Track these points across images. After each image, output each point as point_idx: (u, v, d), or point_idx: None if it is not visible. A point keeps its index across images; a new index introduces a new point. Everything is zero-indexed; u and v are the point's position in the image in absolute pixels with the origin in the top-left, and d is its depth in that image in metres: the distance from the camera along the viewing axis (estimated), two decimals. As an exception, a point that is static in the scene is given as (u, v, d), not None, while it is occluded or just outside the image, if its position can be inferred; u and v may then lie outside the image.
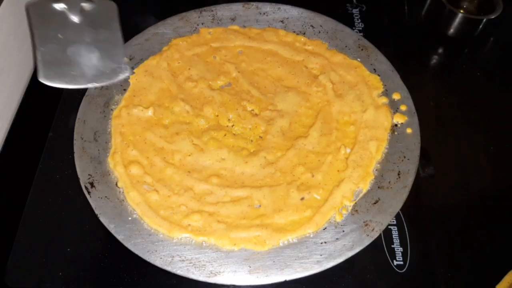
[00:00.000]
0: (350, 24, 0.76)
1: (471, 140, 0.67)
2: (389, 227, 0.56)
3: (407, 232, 0.56)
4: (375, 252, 0.54)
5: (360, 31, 0.76)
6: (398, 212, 0.54)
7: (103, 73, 0.58)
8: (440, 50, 0.78)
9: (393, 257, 0.54)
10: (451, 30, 0.76)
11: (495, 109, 0.70)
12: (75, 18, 0.60)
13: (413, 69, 0.74)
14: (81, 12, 0.60)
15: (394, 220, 0.56)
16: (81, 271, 0.54)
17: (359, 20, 0.78)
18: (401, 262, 0.54)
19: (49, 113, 0.65)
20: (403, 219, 0.57)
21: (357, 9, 0.80)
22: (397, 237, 0.56)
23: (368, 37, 0.72)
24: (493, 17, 0.73)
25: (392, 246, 0.55)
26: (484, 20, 0.73)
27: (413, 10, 0.82)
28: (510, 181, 0.63)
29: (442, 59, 0.77)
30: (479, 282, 0.55)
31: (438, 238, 0.56)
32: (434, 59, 0.77)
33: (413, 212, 0.57)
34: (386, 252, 0.55)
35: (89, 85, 0.58)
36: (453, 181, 0.63)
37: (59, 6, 0.60)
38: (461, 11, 0.76)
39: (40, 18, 0.60)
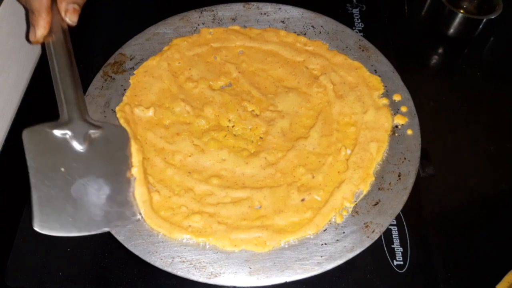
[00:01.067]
0: (350, 24, 0.76)
1: (471, 140, 0.67)
2: (389, 227, 0.56)
3: (407, 232, 0.56)
4: (375, 252, 0.54)
5: (360, 31, 0.76)
6: (399, 213, 0.54)
7: (111, 216, 0.50)
8: (440, 50, 0.78)
9: (393, 257, 0.54)
10: (451, 30, 0.76)
11: (495, 109, 0.70)
12: (80, 147, 0.51)
13: (413, 69, 0.74)
14: (88, 140, 0.52)
15: (394, 221, 0.56)
16: (81, 271, 0.54)
17: (359, 20, 0.78)
18: (401, 262, 0.54)
19: (49, 113, 0.65)
20: (403, 219, 0.57)
21: (357, 9, 0.80)
22: (397, 237, 0.56)
23: (368, 37, 0.72)
24: (493, 17, 0.73)
25: (392, 246, 0.55)
26: (484, 20, 0.73)
27: (413, 10, 0.82)
28: (510, 181, 0.63)
29: (442, 59, 0.77)
30: (479, 282, 0.55)
31: (438, 238, 0.56)
32: (434, 59, 0.77)
33: (413, 212, 0.57)
34: (386, 252, 0.55)
35: (96, 232, 0.49)
36: (453, 181, 0.63)
37: (62, 133, 0.51)
38: (461, 11, 0.76)
39: (38, 148, 0.50)
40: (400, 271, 0.53)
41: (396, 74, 0.65)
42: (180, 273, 0.50)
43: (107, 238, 0.52)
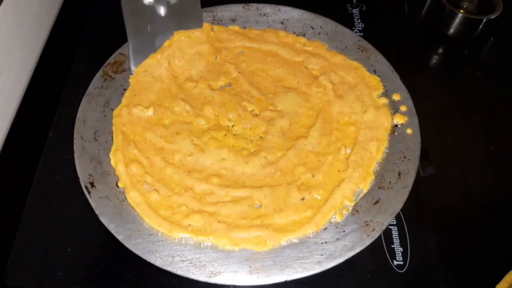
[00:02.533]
0: (350, 24, 0.76)
1: (471, 140, 0.67)
2: (389, 227, 0.56)
3: (407, 232, 0.56)
4: (375, 252, 0.54)
5: (360, 31, 0.76)
6: (398, 212, 0.54)
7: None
8: (440, 50, 0.78)
9: (393, 257, 0.54)
10: (451, 30, 0.76)
11: (495, 109, 0.70)
12: (161, 11, 0.68)
13: (413, 69, 0.74)
14: (167, 5, 0.69)
15: (394, 220, 0.56)
16: (81, 271, 0.54)
17: (359, 20, 0.77)
18: (401, 262, 0.54)
19: (49, 113, 0.65)
20: (403, 219, 0.57)
21: (357, 9, 0.80)
22: (397, 237, 0.56)
23: (368, 37, 0.72)
24: (493, 17, 0.73)
25: (392, 246, 0.55)
26: (484, 20, 0.73)
27: (413, 10, 0.82)
28: (510, 181, 0.63)
29: (442, 59, 0.77)
30: (479, 282, 0.55)
31: (438, 238, 0.56)
32: (434, 59, 0.77)
33: (413, 212, 0.57)
34: (386, 252, 0.55)
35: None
36: (453, 181, 0.63)
37: (148, 1, 0.69)
38: (461, 11, 0.76)
39: (132, 12, 0.68)
40: (400, 271, 0.53)
41: (395, 74, 0.65)
42: (180, 272, 0.50)
43: (107, 238, 0.52)
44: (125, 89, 0.64)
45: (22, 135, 0.64)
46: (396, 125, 0.61)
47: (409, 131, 0.60)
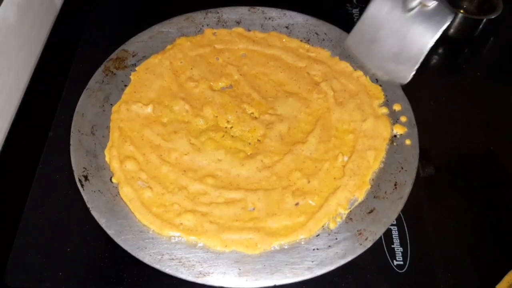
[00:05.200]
0: (350, 24, 0.76)
1: (471, 140, 0.67)
2: (389, 227, 0.56)
3: (407, 232, 0.56)
4: (375, 252, 0.54)
5: (360, 31, 0.75)
6: (402, 208, 0.54)
7: (391, 67, 0.65)
8: (440, 50, 0.78)
9: (393, 257, 0.54)
10: (451, 30, 0.76)
11: (495, 109, 0.70)
12: (411, 5, 0.64)
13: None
14: (416, 5, 0.64)
15: (394, 220, 0.56)
16: (81, 271, 0.54)
17: (359, 20, 0.77)
18: (401, 262, 0.54)
19: (49, 113, 0.65)
20: (403, 219, 0.57)
21: (357, 9, 0.80)
22: (397, 237, 0.56)
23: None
24: (493, 17, 0.73)
25: (392, 246, 0.55)
26: (484, 20, 0.73)
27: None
28: (510, 181, 0.63)
29: (442, 59, 0.77)
30: (479, 282, 0.55)
31: (438, 238, 0.56)
32: (434, 59, 0.77)
33: (413, 212, 0.57)
34: (386, 252, 0.55)
35: (378, 71, 0.66)
36: (453, 181, 0.63)
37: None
38: (461, 11, 0.76)
39: None
40: (400, 271, 0.53)
41: (397, 84, 0.65)
42: (168, 270, 0.50)
43: (108, 238, 0.52)
44: (125, 85, 0.64)
45: (22, 135, 0.64)
46: (395, 136, 0.61)
47: (408, 142, 0.60)
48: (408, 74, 0.64)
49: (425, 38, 0.62)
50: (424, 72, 0.76)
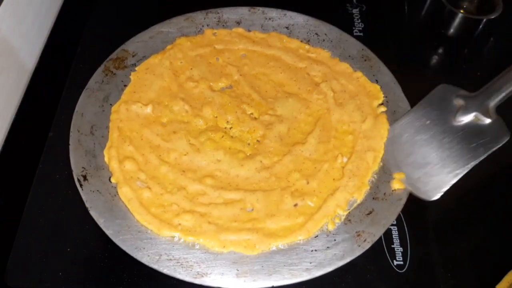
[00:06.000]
0: (350, 24, 0.76)
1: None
2: (389, 227, 0.56)
3: (407, 232, 0.56)
4: (375, 252, 0.54)
5: (360, 31, 0.76)
6: (401, 210, 0.54)
7: (420, 177, 0.55)
8: (440, 50, 0.78)
9: (393, 257, 0.54)
10: (451, 30, 0.76)
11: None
12: (462, 118, 0.58)
13: (413, 69, 0.74)
14: (471, 120, 0.58)
15: (394, 221, 0.56)
16: (81, 271, 0.54)
17: (359, 20, 0.77)
18: (401, 262, 0.54)
19: (49, 113, 0.65)
20: (403, 219, 0.57)
21: (357, 9, 0.80)
22: (397, 237, 0.56)
23: (367, 37, 0.72)
24: (493, 17, 0.73)
25: (392, 246, 0.55)
26: (484, 20, 0.73)
27: (413, 10, 0.82)
28: (510, 181, 0.63)
29: (442, 59, 0.77)
30: (479, 282, 0.55)
31: (438, 238, 0.56)
32: (434, 59, 0.77)
33: (413, 212, 0.57)
34: (386, 252, 0.55)
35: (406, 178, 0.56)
36: (453, 181, 0.62)
37: (459, 102, 0.59)
38: (461, 11, 0.75)
39: (439, 99, 0.60)
40: (400, 271, 0.53)
41: (397, 85, 0.65)
42: (166, 271, 0.50)
43: (107, 238, 0.52)
44: (125, 85, 0.64)
45: (22, 135, 0.64)
46: None
47: None
48: (435, 192, 0.55)
49: (469, 156, 0.56)
50: (424, 72, 0.76)
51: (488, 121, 0.56)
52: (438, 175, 0.55)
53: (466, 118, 0.57)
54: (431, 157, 0.56)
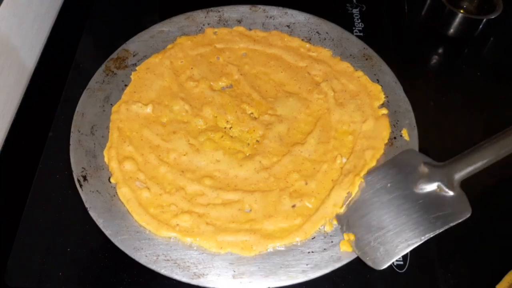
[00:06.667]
0: (350, 24, 0.76)
1: (471, 140, 0.67)
2: (389, 227, 0.56)
3: (407, 232, 0.56)
4: (375, 252, 0.54)
5: (360, 31, 0.76)
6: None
7: (371, 242, 0.51)
8: (440, 50, 0.78)
9: (393, 257, 0.54)
10: (451, 30, 0.76)
11: (495, 109, 0.70)
12: (424, 186, 0.54)
13: (413, 69, 0.74)
14: (434, 190, 0.54)
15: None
16: (81, 271, 0.54)
17: (359, 20, 0.77)
18: (401, 262, 0.54)
19: (49, 113, 0.65)
20: (403, 219, 0.57)
21: (357, 9, 0.80)
22: (397, 237, 0.55)
23: (368, 37, 0.72)
24: (493, 17, 0.73)
25: (392, 246, 0.55)
26: (484, 20, 0.73)
27: (413, 10, 0.82)
28: (510, 181, 0.63)
29: (442, 59, 0.77)
30: (479, 282, 0.55)
31: (438, 238, 0.56)
32: (434, 59, 0.77)
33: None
34: (386, 252, 0.54)
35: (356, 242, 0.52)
36: (453, 181, 0.62)
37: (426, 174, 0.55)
38: (461, 11, 0.75)
39: (404, 163, 0.57)
40: (400, 271, 0.53)
41: (398, 85, 0.65)
42: (163, 271, 0.50)
43: (107, 238, 0.52)
44: (126, 85, 0.64)
45: (22, 135, 0.64)
46: (395, 137, 0.61)
47: (407, 144, 0.60)
48: (383, 261, 0.50)
49: (426, 227, 0.52)
50: (424, 72, 0.76)
51: (451, 193, 0.54)
52: (390, 242, 0.51)
53: (429, 187, 0.54)
54: (386, 222, 0.52)
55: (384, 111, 0.62)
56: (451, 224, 0.52)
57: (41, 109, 0.67)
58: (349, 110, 0.63)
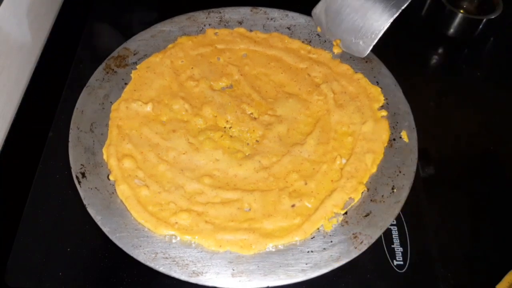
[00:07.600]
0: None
1: (471, 140, 0.67)
2: (389, 227, 0.56)
3: (407, 232, 0.56)
4: (375, 252, 0.54)
5: (360, 31, 0.76)
6: (399, 212, 0.54)
7: (352, 40, 0.68)
8: (440, 50, 0.78)
9: (393, 257, 0.54)
10: (451, 30, 0.76)
11: (495, 109, 0.70)
12: None
13: (413, 69, 0.74)
14: None
15: (394, 220, 0.56)
16: (81, 271, 0.54)
17: (359, 20, 0.77)
18: (401, 262, 0.54)
19: (49, 113, 0.65)
20: (403, 219, 0.57)
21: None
22: (397, 237, 0.56)
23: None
24: (493, 17, 0.73)
25: (392, 246, 0.55)
26: (484, 20, 0.73)
27: (413, 10, 0.82)
28: (510, 181, 0.63)
29: (442, 59, 0.77)
30: (479, 282, 0.55)
31: (438, 238, 0.56)
32: (434, 59, 0.77)
33: (413, 212, 0.57)
34: (386, 252, 0.55)
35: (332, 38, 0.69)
36: (453, 181, 0.63)
37: None
38: (461, 11, 0.76)
39: None
40: (400, 271, 0.53)
41: (398, 87, 0.65)
42: (162, 269, 0.50)
43: (107, 238, 0.52)
44: (126, 83, 0.64)
45: (22, 135, 0.64)
46: (394, 139, 0.61)
47: (407, 145, 0.60)
48: (366, 49, 0.67)
49: (384, 16, 0.66)
50: (424, 72, 0.76)
51: None
52: (366, 35, 0.67)
53: None
54: (357, 22, 0.67)
55: (384, 113, 0.62)
56: (402, 8, 0.65)
57: (41, 109, 0.67)
58: (349, 111, 0.63)
